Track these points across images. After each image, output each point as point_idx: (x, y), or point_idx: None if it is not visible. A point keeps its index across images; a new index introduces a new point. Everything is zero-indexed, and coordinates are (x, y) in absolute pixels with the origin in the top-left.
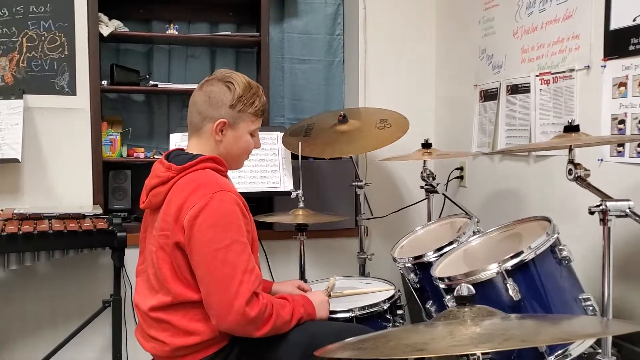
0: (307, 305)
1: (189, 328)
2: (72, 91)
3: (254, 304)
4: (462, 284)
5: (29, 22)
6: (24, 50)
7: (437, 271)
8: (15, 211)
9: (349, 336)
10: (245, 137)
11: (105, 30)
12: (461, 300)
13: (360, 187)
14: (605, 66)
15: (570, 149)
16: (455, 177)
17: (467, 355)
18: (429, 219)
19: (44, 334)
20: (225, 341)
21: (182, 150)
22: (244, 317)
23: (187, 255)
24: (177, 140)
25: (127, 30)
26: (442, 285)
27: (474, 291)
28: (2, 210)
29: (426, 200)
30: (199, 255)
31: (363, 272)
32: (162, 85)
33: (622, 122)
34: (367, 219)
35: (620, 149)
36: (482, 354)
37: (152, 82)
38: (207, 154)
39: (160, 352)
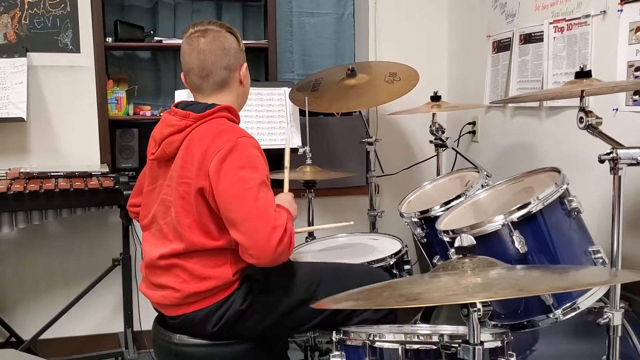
0: (287, 211)
1: (204, 273)
2: (76, 48)
3: (286, 234)
4: (463, 234)
5: None
6: (26, 7)
7: (442, 224)
8: (22, 170)
9: (343, 277)
10: (247, 72)
11: None
12: (461, 251)
13: (371, 144)
14: (621, 10)
15: (582, 97)
16: (467, 132)
17: (467, 307)
18: (438, 175)
19: (57, 292)
20: (235, 286)
21: (192, 101)
22: (281, 250)
23: (209, 203)
24: (183, 97)
25: None
26: (446, 238)
27: (474, 241)
28: (9, 170)
29: (436, 155)
30: (230, 197)
31: (373, 230)
32: (168, 41)
33: (639, 69)
34: (377, 177)
35: (637, 97)
36: (483, 305)
37: (157, 39)
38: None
39: (171, 300)
